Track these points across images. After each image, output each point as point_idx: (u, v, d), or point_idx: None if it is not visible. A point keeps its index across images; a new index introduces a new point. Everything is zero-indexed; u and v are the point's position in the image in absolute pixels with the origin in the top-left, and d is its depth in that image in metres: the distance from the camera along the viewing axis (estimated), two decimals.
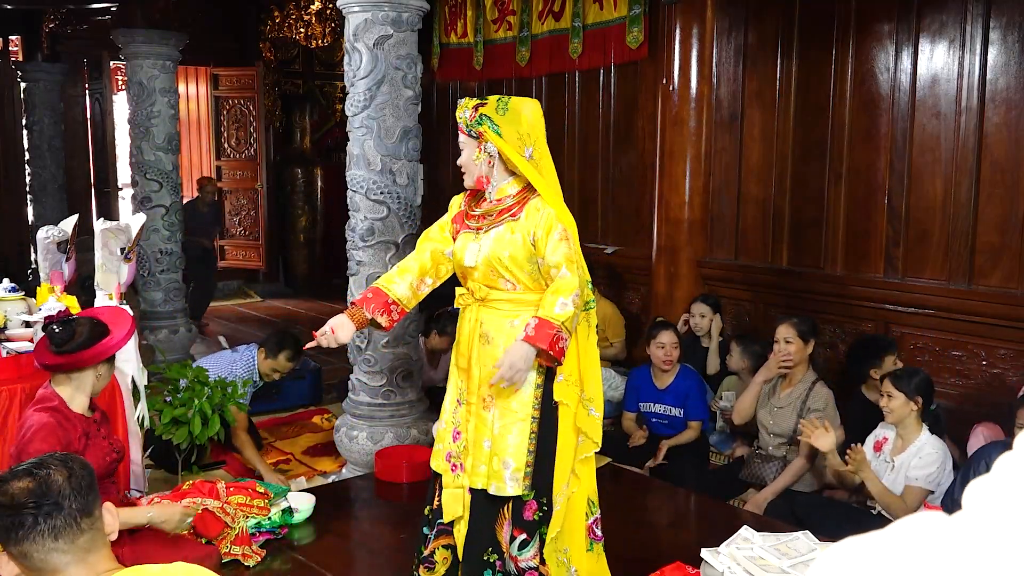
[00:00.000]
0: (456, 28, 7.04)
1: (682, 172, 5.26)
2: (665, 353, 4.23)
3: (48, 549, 1.40)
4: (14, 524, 1.40)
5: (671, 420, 4.28)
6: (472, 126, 2.46)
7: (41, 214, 8.53)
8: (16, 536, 1.40)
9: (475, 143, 2.48)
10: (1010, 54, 4.12)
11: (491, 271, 2.45)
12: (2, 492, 1.42)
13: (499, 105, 2.46)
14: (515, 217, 2.46)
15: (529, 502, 2.45)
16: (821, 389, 3.78)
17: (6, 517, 1.40)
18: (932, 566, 0.53)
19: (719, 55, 5.30)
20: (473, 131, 2.47)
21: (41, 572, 1.42)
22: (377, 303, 2.54)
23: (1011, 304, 4.15)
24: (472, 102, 2.48)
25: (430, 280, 2.61)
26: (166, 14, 6.10)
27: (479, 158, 2.50)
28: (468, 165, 2.52)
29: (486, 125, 2.45)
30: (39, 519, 1.40)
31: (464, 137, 2.50)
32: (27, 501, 1.41)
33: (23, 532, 1.39)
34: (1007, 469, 0.55)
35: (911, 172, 4.51)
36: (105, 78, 9.02)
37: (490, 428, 2.45)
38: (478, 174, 2.51)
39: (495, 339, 2.45)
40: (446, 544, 2.59)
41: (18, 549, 1.41)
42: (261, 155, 9.14)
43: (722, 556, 2.64)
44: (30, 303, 4.05)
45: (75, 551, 1.42)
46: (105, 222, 4.04)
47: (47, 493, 1.42)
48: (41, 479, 1.43)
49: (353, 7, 3.74)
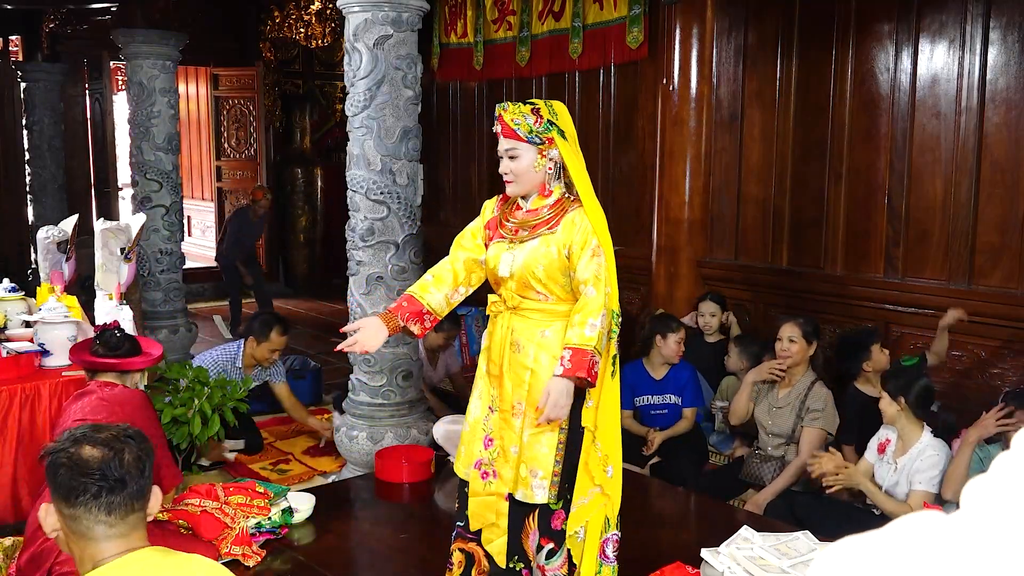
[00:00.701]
0: (456, 28, 7.04)
1: (682, 172, 5.26)
2: (680, 347, 4.25)
3: (97, 520, 1.45)
4: (76, 488, 1.43)
5: (670, 409, 4.28)
6: (540, 132, 2.38)
7: (41, 214, 8.53)
8: (73, 499, 1.44)
9: (535, 149, 2.39)
10: (1010, 54, 4.12)
11: (525, 282, 2.41)
12: (76, 452, 1.45)
13: (550, 109, 2.41)
14: (552, 230, 2.42)
15: (557, 511, 2.43)
16: (820, 389, 3.78)
17: (71, 478, 1.44)
18: (932, 566, 0.53)
19: (719, 55, 5.30)
20: (539, 137, 2.38)
21: (80, 536, 1.45)
22: (412, 311, 2.49)
23: (1011, 304, 4.15)
24: (523, 107, 2.40)
25: (463, 289, 2.58)
26: (166, 14, 6.10)
27: (540, 165, 2.41)
28: (525, 173, 2.41)
29: (555, 132, 2.39)
30: (101, 492, 1.44)
31: (516, 143, 2.38)
32: (95, 470, 1.44)
33: (82, 498, 1.43)
34: (1006, 469, 0.55)
35: (911, 172, 4.51)
36: (105, 78, 9.02)
37: (519, 435, 2.43)
38: (537, 182, 2.43)
39: (526, 347, 2.43)
40: (461, 548, 2.57)
41: (70, 511, 1.44)
42: (261, 155, 9.14)
43: (722, 556, 2.64)
44: (30, 303, 4.05)
45: (119, 527, 1.46)
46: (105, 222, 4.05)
47: (116, 469, 1.46)
48: (115, 453, 1.47)
49: (353, 7, 3.74)
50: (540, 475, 2.39)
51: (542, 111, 2.39)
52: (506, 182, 2.45)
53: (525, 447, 2.42)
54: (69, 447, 1.46)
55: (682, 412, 4.26)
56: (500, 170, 2.45)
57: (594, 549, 2.49)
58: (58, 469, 1.45)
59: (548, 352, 2.40)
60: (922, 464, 3.18)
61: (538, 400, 2.36)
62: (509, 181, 2.44)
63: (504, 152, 2.42)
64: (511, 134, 2.39)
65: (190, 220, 9.95)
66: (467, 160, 7.29)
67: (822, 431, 3.67)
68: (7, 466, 3.34)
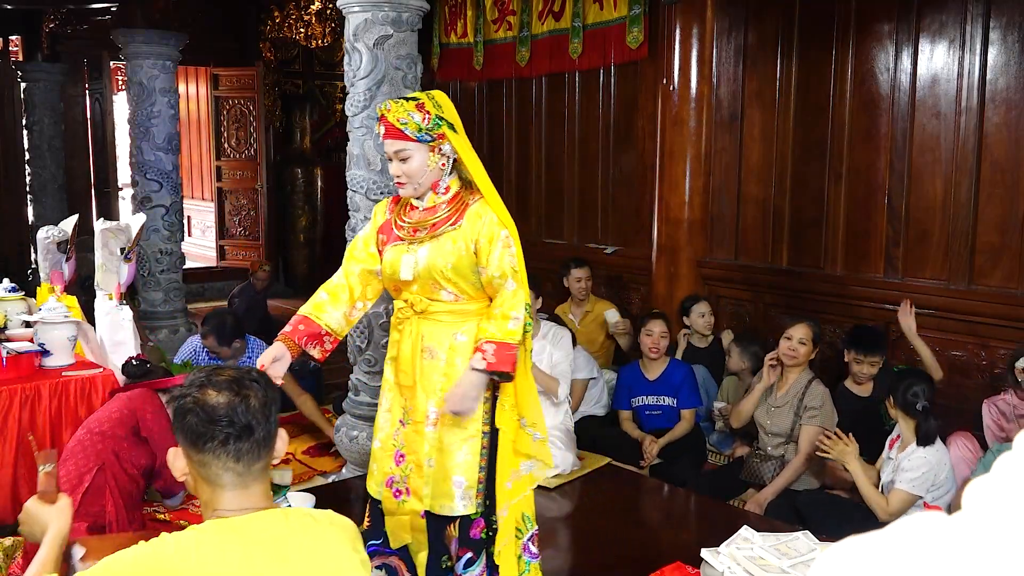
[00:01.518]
0: (456, 28, 7.03)
1: (682, 172, 5.26)
2: (652, 341, 4.27)
3: (225, 467, 1.42)
4: (204, 434, 1.41)
5: (665, 411, 4.28)
6: (429, 129, 2.27)
7: (41, 214, 8.53)
8: (201, 445, 1.41)
9: (426, 147, 2.29)
10: (1010, 54, 4.12)
11: (432, 283, 2.30)
12: (201, 398, 1.42)
13: (434, 102, 2.31)
14: (455, 225, 2.31)
15: (476, 520, 2.35)
16: (817, 387, 3.79)
17: (199, 424, 1.41)
18: (932, 566, 0.53)
19: (719, 55, 5.30)
20: (430, 134, 2.28)
21: (208, 482, 1.43)
22: (309, 334, 2.35)
23: (1011, 304, 4.15)
24: (406, 104, 2.28)
25: (361, 305, 2.44)
26: (166, 14, 6.10)
27: (433, 163, 2.31)
28: (419, 173, 2.30)
29: (445, 126, 2.29)
30: (230, 439, 1.41)
31: (405, 143, 2.28)
32: (223, 417, 1.41)
33: (210, 445, 1.41)
34: (1007, 469, 0.55)
35: (911, 172, 4.51)
36: (105, 78, 9.03)
37: (435, 447, 2.32)
38: (432, 180, 2.33)
39: (438, 353, 2.32)
40: (383, 563, 2.47)
41: (199, 456, 1.42)
42: (261, 155, 9.14)
43: (722, 556, 2.64)
44: (30, 303, 4.05)
45: (247, 475, 1.43)
46: (105, 222, 4.05)
47: (243, 414, 1.42)
48: (242, 398, 1.43)
49: (353, 7, 3.74)
50: (464, 484, 2.30)
51: (427, 106, 2.29)
52: (398, 184, 2.35)
53: (443, 457, 2.31)
54: (195, 392, 1.43)
55: (680, 413, 4.27)
56: (391, 172, 2.34)
57: (512, 550, 2.41)
58: (185, 415, 1.42)
59: (463, 356, 2.29)
60: (908, 463, 3.22)
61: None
62: (402, 184, 2.33)
63: (393, 154, 2.30)
64: (399, 135, 2.27)
65: (190, 220, 9.96)
66: None
67: (820, 428, 3.68)
68: (7, 466, 3.34)
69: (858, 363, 3.98)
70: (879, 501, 3.23)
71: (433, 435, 2.32)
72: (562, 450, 3.79)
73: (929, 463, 3.19)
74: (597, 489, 3.76)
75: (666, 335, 4.30)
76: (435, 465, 2.32)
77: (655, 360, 4.32)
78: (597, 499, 3.68)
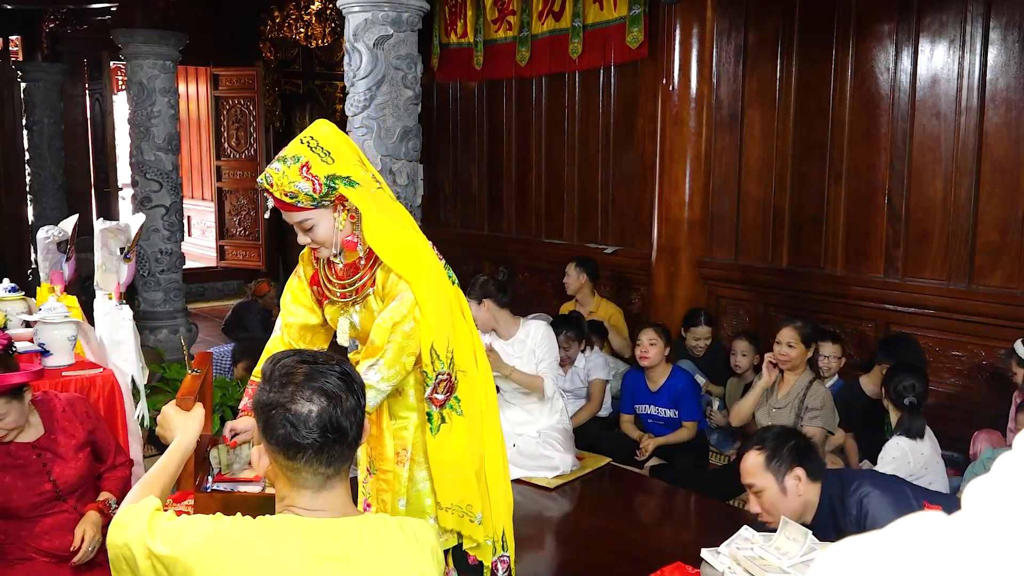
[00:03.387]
0: (456, 28, 7.03)
1: (682, 172, 5.26)
2: (642, 350, 4.26)
3: (315, 472, 1.38)
4: (296, 445, 1.36)
5: (667, 421, 4.28)
6: (323, 195, 2.00)
7: (41, 214, 8.53)
8: (293, 454, 1.37)
9: (328, 211, 2.04)
10: (1010, 54, 4.12)
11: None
12: (292, 408, 1.36)
13: (321, 153, 2.01)
14: (373, 286, 2.14)
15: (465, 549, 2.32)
16: (818, 388, 3.79)
17: (289, 436, 1.36)
18: (932, 566, 0.53)
19: (719, 55, 5.30)
20: (327, 200, 2.02)
21: (295, 485, 1.39)
22: None
23: (1011, 304, 4.15)
24: (289, 172, 1.98)
25: None
26: (166, 14, 6.10)
27: (343, 221, 2.06)
28: (328, 239, 2.07)
29: (341, 184, 2.01)
30: (323, 448, 1.37)
31: (304, 214, 2.03)
32: (315, 427, 1.36)
33: (302, 455, 1.37)
34: (1007, 469, 0.55)
35: (911, 172, 4.51)
36: (105, 78, 9.03)
37: (404, 487, 2.25)
38: (346, 236, 2.09)
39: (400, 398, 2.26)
40: None
41: (289, 463, 1.38)
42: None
43: (722, 556, 2.64)
44: (30, 303, 4.04)
45: (334, 477, 1.40)
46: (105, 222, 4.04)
47: (336, 419, 1.37)
48: (334, 404, 1.38)
49: (353, 7, 3.74)
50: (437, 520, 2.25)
51: (313, 168, 1.98)
52: (313, 251, 2.18)
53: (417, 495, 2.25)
54: (285, 401, 1.36)
55: (681, 424, 4.26)
56: (299, 242, 2.14)
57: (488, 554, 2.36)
58: (276, 429, 1.36)
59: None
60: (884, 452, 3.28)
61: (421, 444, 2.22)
62: (315, 249, 2.15)
63: (296, 225, 2.08)
64: (292, 207, 2.02)
65: (190, 220, 9.96)
66: (467, 160, 7.29)
67: (822, 429, 3.68)
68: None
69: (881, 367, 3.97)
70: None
71: (405, 474, 2.26)
72: (561, 452, 3.78)
73: (902, 450, 3.21)
74: (597, 489, 3.76)
75: (654, 342, 4.27)
76: (407, 504, 2.27)
77: (651, 368, 4.30)
78: (597, 499, 3.68)
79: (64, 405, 2.68)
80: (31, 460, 2.50)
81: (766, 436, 2.41)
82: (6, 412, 2.47)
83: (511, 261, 6.86)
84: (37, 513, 2.49)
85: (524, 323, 3.94)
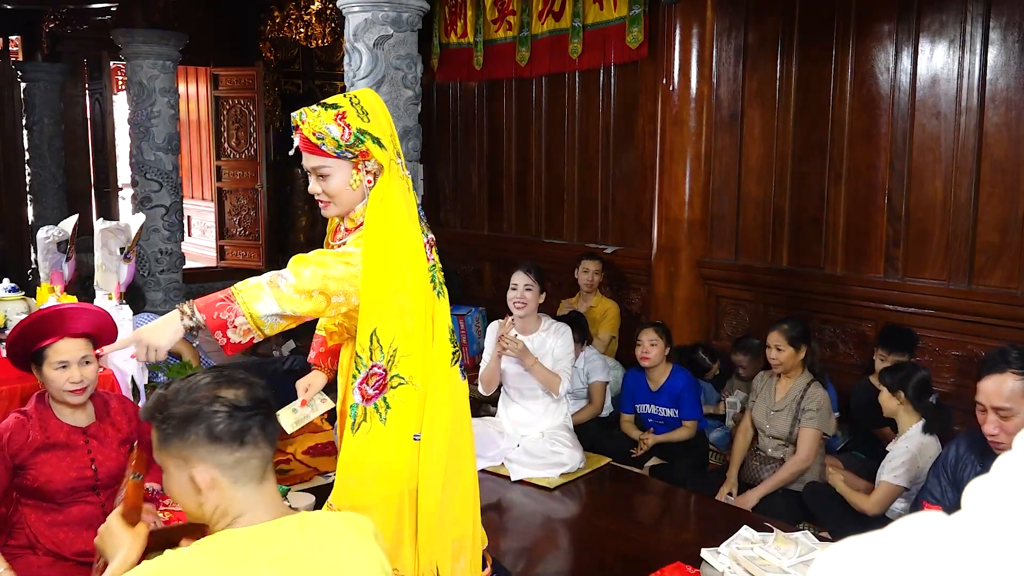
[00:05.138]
0: (456, 28, 7.03)
1: (682, 172, 5.26)
2: (643, 350, 4.27)
3: (262, 454, 1.37)
4: (244, 428, 1.34)
5: (667, 421, 4.28)
6: (349, 145, 1.98)
7: (41, 214, 8.54)
8: (241, 440, 1.35)
9: (349, 164, 2.00)
10: (1010, 54, 4.12)
11: None
12: (221, 396, 1.35)
13: (359, 110, 2.00)
14: None
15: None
16: (816, 390, 3.78)
17: (234, 422, 1.34)
18: (932, 566, 0.53)
19: (719, 55, 5.30)
20: (351, 150, 1.99)
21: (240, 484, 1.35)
22: (332, 352, 2.33)
23: (1011, 304, 4.15)
24: (324, 114, 1.97)
25: None
26: (166, 14, 6.11)
27: (357, 182, 2.03)
28: (341, 194, 2.03)
29: (369, 141, 1.99)
30: (266, 422, 1.37)
31: (324, 160, 2.00)
32: (249, 403, 1.36)
33: (249, 436, 1.35)
34: (1007, 469, 0.55)
35: (911, 172, 4.51)
36: (105, 78, 9.03)
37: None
38: (358, 200, 2.06)
39: None
40: None
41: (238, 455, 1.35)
42: (261, 155, 9.14)
43: (722, 556, 2.64)
44: (30, 303, 4.05)
45: (270, 468, 1.39)
46: (105, 222, 4.04)
47: (261, 390, 1.38)
48: (251, 385, 1.39)
49: (353, 7, 3.74)
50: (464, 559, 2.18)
51: (348, 117, 1.98)
52: (320, 204, 2.10)
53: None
54: (209, 400, 1.35)
55: (681, 423, 4.26)
56: (310, 190, 2.08)
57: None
58: (215, 424, 1.34)
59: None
60: (892, 453, 3.25)
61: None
62: (324, 203, 2.08)
63: (311, 169, 2.03)
64: (315, 149, 1.99)
65: (190, 220, 9.96)
66: (467, 160, 7.29)
67: (817, 431, 3.68)
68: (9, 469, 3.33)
69: (882, 360, 4.02)
70: (861, 500, 3.31)
71: None
72: (570, 448, 3.78)
73: (910, 451, 3.21)
74: (597, 489, 3.76)
75: (656, 343, 4.28)
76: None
77: (652, 368, 4.30)
78: (597, 499, 3.68)
79: (117, 401, 2.75)
80: (79, 444, 2.54)
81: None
82: (91, 359, 2.52)
83: (511, 261, 6.86)
84: (70, 499, 2.50)
85: (546, 321, 3.94)
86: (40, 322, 2.47)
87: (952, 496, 2.59)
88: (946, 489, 2.62)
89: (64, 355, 2.46)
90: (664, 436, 4.23)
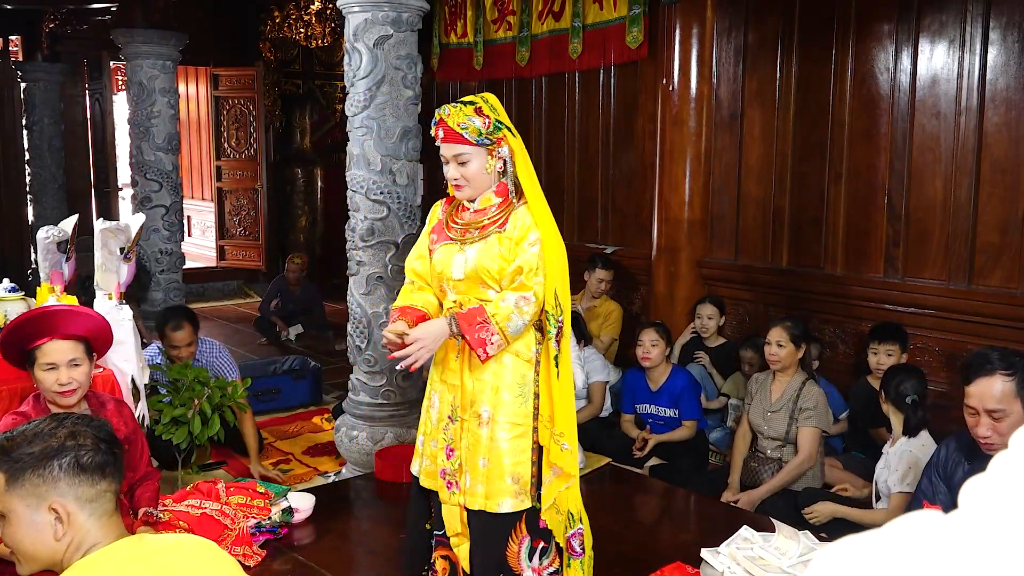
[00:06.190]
0: (456, 28, 7.04)
1: (682, 172, 5.26)
2: (643, 351, 4.27)
3: (116, 490, 1.47)
4: (107, 460, 1.44)
5: (667, 421, 4.28)
6: (489, 133, 2.33)
7: (41, 214, 8.54)
8: (102, 473, 1.43)
9: (485, 151, 2.35)
10: (1010, 54, 4.12)
11: (479, 282, 2.37)
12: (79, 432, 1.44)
13: (490, 106, 2.37)
14: (502, 228, 2.37)
15: (538, 511, 2.41)
16: (811, 389, 3.78)
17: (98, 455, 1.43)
18: (931, 566, 0.53)
19: (719, 55, 5.30)
20: (490, 138, 2.34)
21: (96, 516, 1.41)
22: (416, 318, 2.43)
23: (1011, 304, 4.15)
24: (465, 109, 2.33)
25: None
26: (166, 14, 6.11)
27: (491, 167, 2.37)
28: (477, 177, 2.36)
29: (504, 130, 2.36)
30: (118, 458, 1.47)
31: (465, 147, 2.33)
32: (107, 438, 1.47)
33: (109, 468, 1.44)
34: (1005, 469, 0.55)
35: (911, 172, 4.51)
36: (105, 78, 9.03)
37: (486, 446, 2.37)
38: (488, 183, 2.39)
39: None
40: (444, 555, 2.53)
41: (98, 487, 1.43)
42: (261, 155, 9.14)
43: (722, 556, 2.64)
44: (30, 303, 4.04)
45: (115, 498, 1.47)
46: (105, 222, 4.04)
47: (110, 433, 1.50)
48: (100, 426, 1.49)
49: (353, 7, 3.74)
50: (521, 480, 2.36)
51: (485, 110, 2.34)
52: (456, 187, 2.40)
53: (498, 455, 2.35)
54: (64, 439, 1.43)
55: (681, 423, 4.26)
56: (448, 176, 2.38)
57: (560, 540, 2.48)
58: (82, 456, 1.42)
59: (511, 352, 2.37)
60: (894, 460, 3.25)
61: (503, 406, 2.35)
62: (460, 186, 2.39)
63: (453, 157, 2.36)
64: (458, 139, 2.33)
65: (190, 220, 9.95)
66: None
67: (816, 429, 3.68)
68: None
69: (874, 353, 4.05)
70: (876, 516, 3.25)
71: (486, 434, 2.37)
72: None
73: (913, 455, 3.19)
74: (597, 489, 3.76)
75: (656, 343, 4.28)
76: (489, 463, 2.37)
77: (652, 368, 4.30)
78: (597, 499, 3.68)
79: (113, 404, 2.76)
80: None
81: (1015, 362, 2.37)
82: (80, 361, 2.51)
83: None
84: None
85: None
86: (29, 323, 2.47)
87: (945, 495, 2.59)
88: (939, 488, 2.62)
89: (52, 356, 2.46)
90: (664, 436, 4.23)
